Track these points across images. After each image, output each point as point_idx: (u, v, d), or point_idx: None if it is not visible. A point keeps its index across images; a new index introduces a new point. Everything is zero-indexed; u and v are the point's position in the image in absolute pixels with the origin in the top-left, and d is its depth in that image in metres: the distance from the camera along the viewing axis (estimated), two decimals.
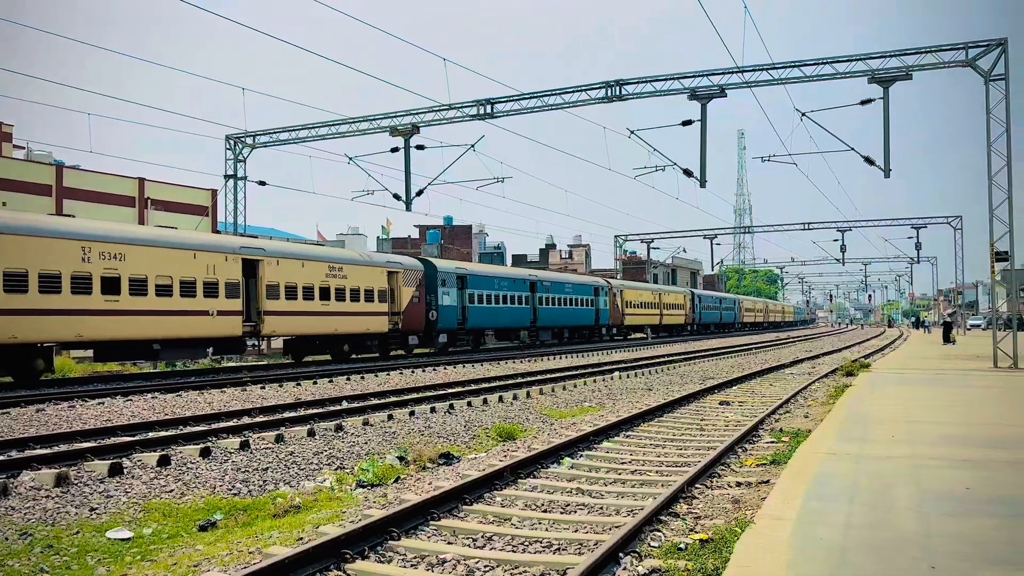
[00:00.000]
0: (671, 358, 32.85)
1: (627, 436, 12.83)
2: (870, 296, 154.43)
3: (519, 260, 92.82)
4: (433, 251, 60.21)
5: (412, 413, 14.89)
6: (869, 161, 28.81)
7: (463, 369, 26.51)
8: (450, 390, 19.71)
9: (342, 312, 28.82)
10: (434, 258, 38.36)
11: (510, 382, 21.69)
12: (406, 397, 17.61)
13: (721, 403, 17.31)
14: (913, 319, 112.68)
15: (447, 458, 11.29)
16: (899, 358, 31.24)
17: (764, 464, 10.13)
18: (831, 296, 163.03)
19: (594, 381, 22.34)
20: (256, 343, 27.21)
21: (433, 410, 15.39)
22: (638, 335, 61.32)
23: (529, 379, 22.28)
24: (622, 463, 10.63)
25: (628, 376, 24.31)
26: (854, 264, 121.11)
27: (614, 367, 27.27)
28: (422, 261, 35.01)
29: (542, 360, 31.79)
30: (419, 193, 34.19)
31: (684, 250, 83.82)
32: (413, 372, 24.89)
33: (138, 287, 21.72)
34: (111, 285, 21.06)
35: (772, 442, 11.94)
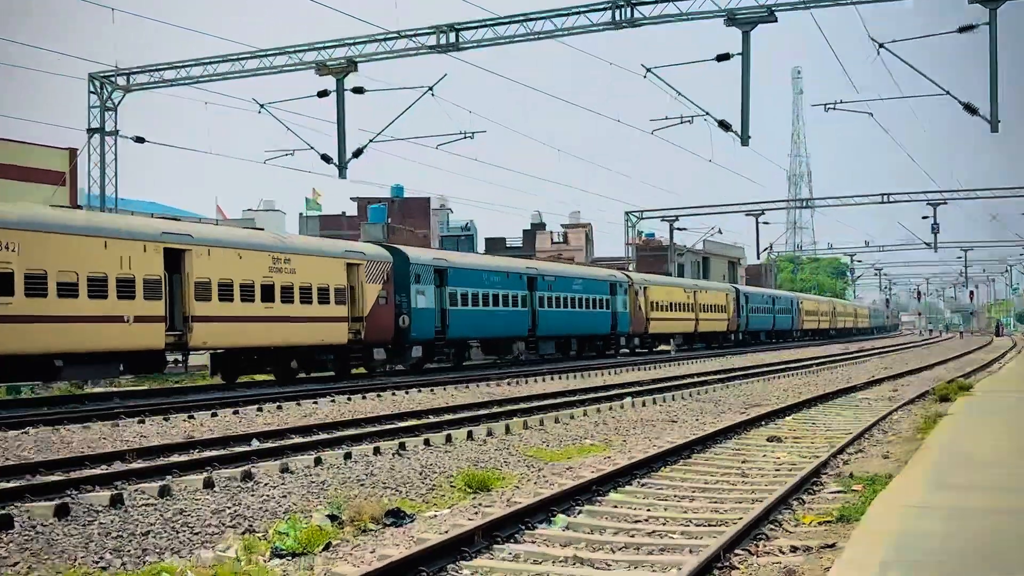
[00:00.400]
0: (703, 378, 33.07)
1: (642, 485, 12.88)
2: (972, 293, 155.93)
3: (495, 245, 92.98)
4: (377, 232, 60.06)
5: (348, 456, 14.88)
6: (970, 110, 29.11)
7: (418, 396, 26.54)
8: (401, 423, 19.68)
9: (290, 317, 29.96)
10: (406, 246, 40.02)
11: (484, 412, 21.68)
12: (341, 434, 17.53)
13: (770, 439, 17.45)
14: None
15: (396, 516, 11.28)
16: (1011, 376, 31.53)
17: (828, 522, 10.20)
18: (919, 294, 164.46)
19: (598, 411, 22.46)
20: (180, 358, 28.51)
21: (377, 451, 15.39)
22: (663, 347, 61.70)
23: (510, 408, 22.38)
24: (636, 521, 10.68)
25: (645, 404, 24.44)
26: (950, 250, 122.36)
27: (626, 391, 27.34)
28: (390, 250, 36.11)
29: (534, 382, 31.94)
30: (357, 153, 34.15)
31: (719, 231, 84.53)
32: (350, 399, 24.90)
33: (36, 286, 22.38)
34: (2, 284, 21.67)
35: (839, 492, 12.02)
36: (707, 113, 33.15)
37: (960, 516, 8.80)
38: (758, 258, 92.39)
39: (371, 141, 34.30)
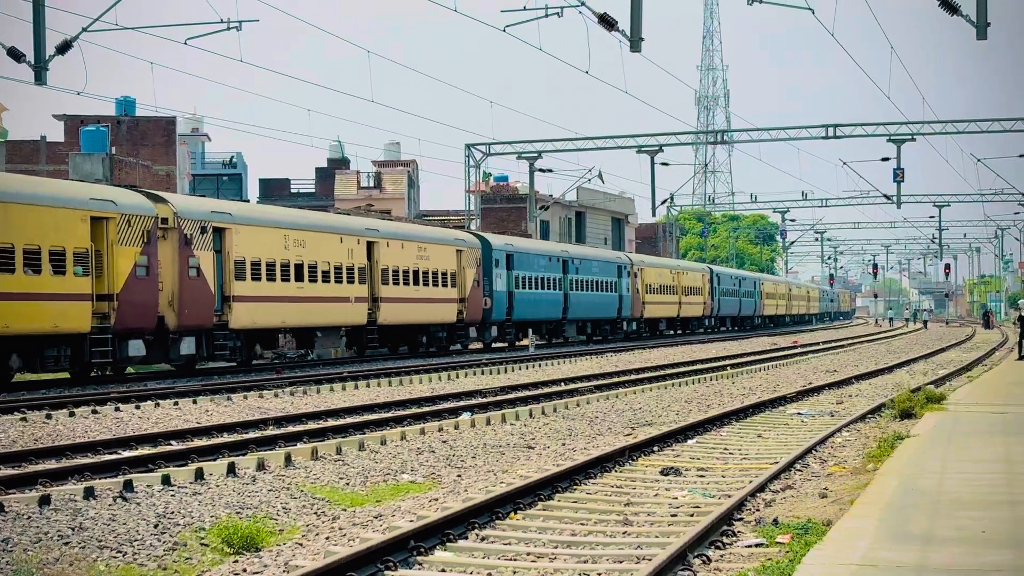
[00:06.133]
0: (571, 386, 33.56)
1: (483, 539, 13.03)
2: (948, 267, 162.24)
3: (274, 189, 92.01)
4: (94, 167, 58.64)
5: (45, 501, 14.53)
6: (950, 7, 30.05)
7: (155, 412, 26.14)
8: (125, 452, 19.35)
9: (425, 298, 49.58)
10: (488, 234, 59.16)
11: (254, 434, 21.69)
12: (35, 468, 17.19)
13: (665, 472, 17.80)
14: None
15: None
16: (997, 385, 32.88)
17: None
18: (875, 267, 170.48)
19: (422, 432, 22.53)
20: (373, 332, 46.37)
21: (91, 493, 15.07)
22: (524, 342, 63.84)
23: (291, 429, 22.44)
24: None
25: (490, 422, 24.63)
26: (919, 206, 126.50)
27: (463, 404, 27.46)
28: (478, 237, 55.99)
29: (330, 390, 31.87)
30: (63, 48, 33.20)
31: (600, 175, 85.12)
32: (49, 417, 24.37)
33: (322, 274, 42.23)
34: (299, 272, 40.73)
35: (758, 544, 12.36)
36: (582, 2, 33.52)
37: None
38: (653, 215, 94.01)
39: (85, 30, 33.40)
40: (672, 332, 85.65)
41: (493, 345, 57.55)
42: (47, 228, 31.09)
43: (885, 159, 79.18)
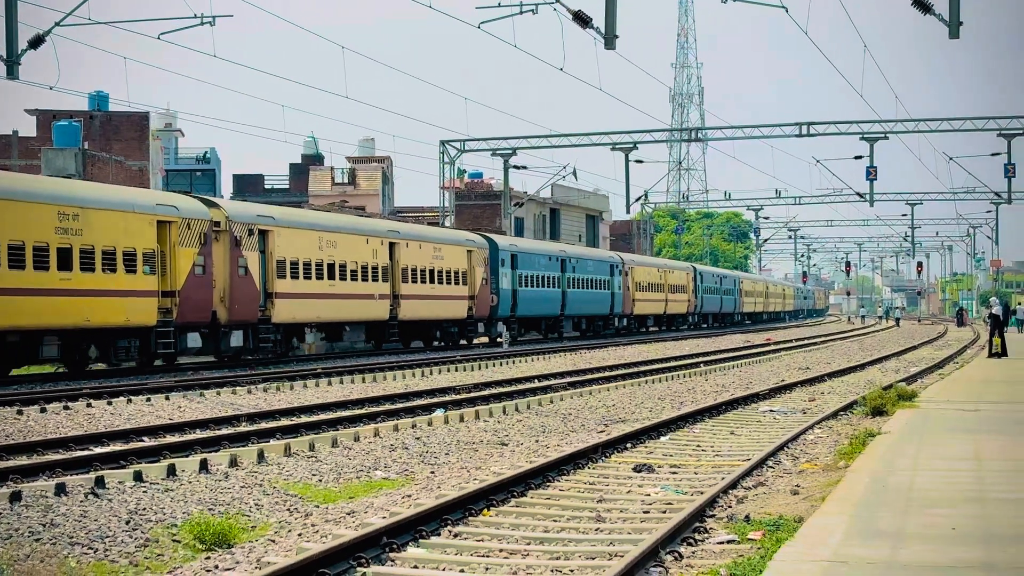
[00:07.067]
0: (546, 383, 33.56)
1: (455, 535, 13.07)
2: (920, 265, 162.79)
3: (248, 185, 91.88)
4: (67, 162, 58.42)
5: (16, 497, 14.48)
6: (923, 7, 30.17)
7: (127, 409, 26.03)
8: (97, 448, 19.33)
9: (440, 296, 54.01)
10: (495, 235, 64.17)
11: (227, 430, 21.65)
12: (5, 464, 17.15)
13: (638, 468, 17.84)
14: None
15: None
16: (969, 382, 33.04)
17: None
18: (848, 265, 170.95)
19: (395, 429, 22.53)
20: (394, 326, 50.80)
21: (62, 490, 15.03)
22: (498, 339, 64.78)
23: (263, 426, 22.38)
24: None
25: (464, 418, 24.63)
26: (892, 204, 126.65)
27: (437, 400, 27.45)
28: (485, 238, 60.63)
29: (304, 386, 31.87)
30: (36, 43, 33.07)
31: (574, 173, 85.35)
32: (20, 412, 24.28)
33: (345, 271, 46.18)
34: (331, 270, 44.94)
35: (730, 541, 12.41)
36: None
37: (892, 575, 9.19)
38: (627, 212, 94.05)
39: (58, 24, 33.29)
40: (659, 328, 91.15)
41: (498, 340, 61.20)
42: (120, 231, 34.12)
43: (858, 157, 79.44)
